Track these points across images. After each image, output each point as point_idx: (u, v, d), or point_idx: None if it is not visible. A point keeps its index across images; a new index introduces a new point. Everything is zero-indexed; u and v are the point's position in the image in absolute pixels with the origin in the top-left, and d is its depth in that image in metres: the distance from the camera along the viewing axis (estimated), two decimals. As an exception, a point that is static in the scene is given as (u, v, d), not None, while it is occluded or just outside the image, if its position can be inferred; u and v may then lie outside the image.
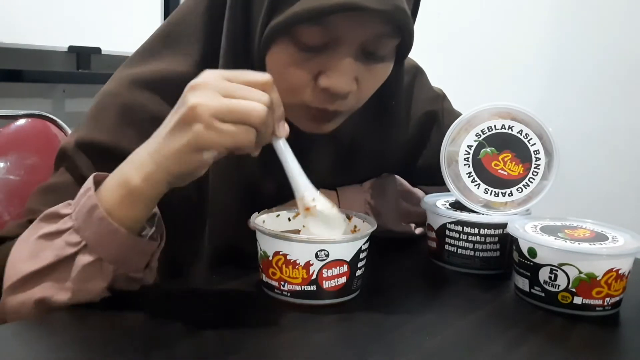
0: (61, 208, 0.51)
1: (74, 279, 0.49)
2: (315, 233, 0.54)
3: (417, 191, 0.79)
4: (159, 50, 0.65)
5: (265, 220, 0.60)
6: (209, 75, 0.47)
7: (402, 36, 0.58)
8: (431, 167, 0.75)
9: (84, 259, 0.49)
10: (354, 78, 0.57)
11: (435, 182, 0.79)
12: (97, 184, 0.51)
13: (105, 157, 0.58)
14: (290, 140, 0.54)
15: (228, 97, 0.46)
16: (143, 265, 0.53)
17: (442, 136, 0.71)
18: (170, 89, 0.57)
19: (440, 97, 0.83)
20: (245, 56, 0.60)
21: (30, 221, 0.56)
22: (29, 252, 0.51)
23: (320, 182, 0.71)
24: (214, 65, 0.61)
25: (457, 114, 0.83)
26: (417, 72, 0.82)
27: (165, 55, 0.64)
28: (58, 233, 0.50)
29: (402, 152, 0.79)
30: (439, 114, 0.81)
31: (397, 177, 0.79)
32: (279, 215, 0.62)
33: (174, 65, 0.63)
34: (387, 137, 0.75)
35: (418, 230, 0.78)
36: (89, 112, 0.63)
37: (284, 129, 0.51)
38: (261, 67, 0.58)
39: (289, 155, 0.53)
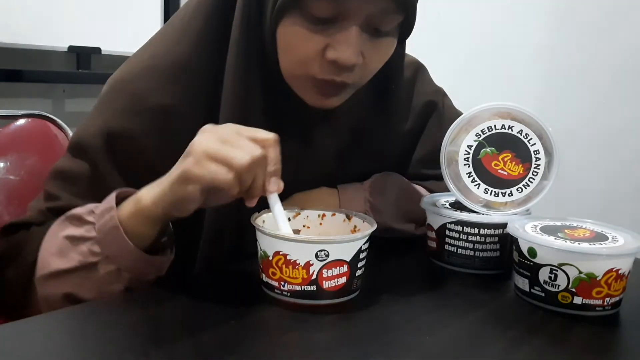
0: (85, 214, 0.57)
1: (97, 282, 0.56)
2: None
3: (419, 189, 0.79)
4: (171, 31, 0.68)
5: (265, 220, 0.60)
6: (222, 125, 0.54)
7: (406, 14, 0.61)
8: (429, 156, 0.77)
9: (104, 268, 0.55)
10: (359, 51, 0.60)
11: (431, 174, 0.80)
12: (118, 200, 0.57)
13: (119, 144, 0.63)
14: (294, 120, 0.64)
15: (224, 143, 0.52)
16: (155, 273, 0.59)
17: (441, 125, 0.74)
18: (180, 75, 0.64)
19: (441, 93, 0.86)
20: (257, 29, 0.63)
21: (51, 209, 0.63)
22: (57, 249, 0.57)
23: (322, 168, 0.73)
24: (225, 41, 0.64)
25: (457, 111, 0.84)
26: (420, 68, 0.85)
27: (177, 37, 0.67)
28: (82, 239, 0.56)
29: (403, 143, 0.81)
30: (439, 105, 0.83)
31: (398, 175, 0.79)
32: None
33: (184, 47, 0.66)
34: (387, 122, 0.76)
35: (419, 230, 0.78)
36: (103, 101, 0.66)
37: (276, 185, 0.55)
38: (272, 41, 0.62)
39: (277, 210, 0.56)
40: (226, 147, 0.51)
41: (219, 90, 0.64)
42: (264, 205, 0.62)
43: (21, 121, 0.94)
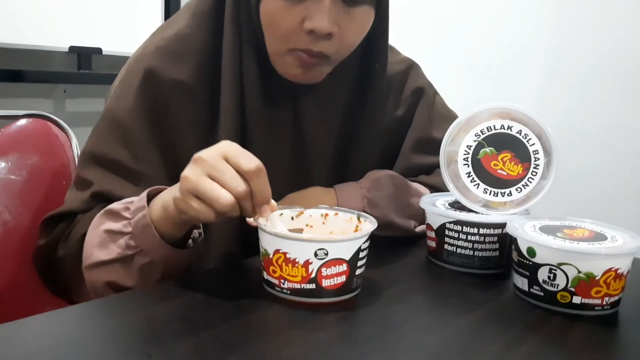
0: (122, 210, 0.61)
1: (134, 272, 0.60)
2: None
3: (415, 185, 0.80)
4: (181, 15, 0.74)
5: (268, 219, 0.60)
6: (211, 152, 0.54)
7: None
8: (418, 144, 0.79)
9: (140, 260, 0.60)
10: (334, 20, 0.64)
11: (420, 162, 0.81)
12: (150, 197, 0.61)
13: (146, 120, 0.69)
14: (286, 100, 0.69)
15: (211, 178, 0.53)
16: (186, 264, 0.64)
17: (430, 114, 0.78)
18: (184, 52, 0.70)
19: (433, 88, 0.88)
20: (246, 8, 0.68)
21: (92, 195, 0.68)
22: (99, 242, 0.61)
23: (314, 149, 0.76)
24: (221, 27, 0.70)
25: (448, 109, 0.86)
26: (414, 65, 0.87)
27: (180, 22, 0.73)
28: (121, 234, 0.61)
29: (394, 130, 0.83)
30: (428, 92, 0.86)
31: (391, 171, 0.80)
32: (281, 214, 0.62)
33: (185, 27, 0.71)
34: (372, 102, 0.79)
35: (419, 228, 0.78)
36: (118, 87, 0.72)
37: (267, 212, 0.56)
38: (258, 21, 0.67)
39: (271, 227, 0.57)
40: (209, 188, 0.53)
41: (219, 67, 0.70)
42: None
43: (22, 121, 0.95)
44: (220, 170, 0.53)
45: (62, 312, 0.53)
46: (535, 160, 0.68)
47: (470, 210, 0.68)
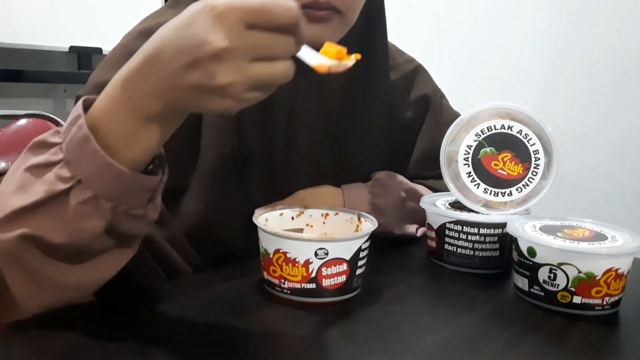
0: (49, 136, 0.46)
1: (69, 217, 0.44)
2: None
3: (421, 188, 0.80)
4: (164, 10, 0.69)
5: (268, 219, 0.60)
6: (230, 31, 0.39)
7: None
8: (427, 157, 0.77)
9: (78, 195, 0.44)
10: None
11: (428, 175, 0.80)
12: (88, 109, 0.46)
13: None
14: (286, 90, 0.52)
15: (256, 61, 0.40)
16: (144, 201, 0.47)
17: (438, 126, 0.74)
18: None
19: (440, 93, 0.87)
20: None
21: None
22: (18, 185, 0.45)
23: (312, 140, 0.73)
24: None
25: (455, 112, 0.85)
26: (420, 67, 0.86)
27: (168, 12, 0.67)
28: (47, 165, 0.45)
29: (400, 135, 0.82)
30: (435, 103, 0.85)
31: (400, 175, 0.79)
32: (282, 213, 0.62)
33: (172, 14, 0.64)
34: (373, 90, 0.77)
35: (419, 232, 0.79)
36: (101, 63, 0.64)
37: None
38: None
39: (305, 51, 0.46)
40: (263, 74, 0.41)
41: None
42: (264, 204, 0.63)
43: (22, 121, 0.95)
44: (262, 44, 0.40)
45: (58, 312, 0.53)
46: (535, 160, 0.68)
47: (470, 210, 0.68)
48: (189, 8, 0.41)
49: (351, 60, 0.46)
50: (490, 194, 0.68)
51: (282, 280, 0.55)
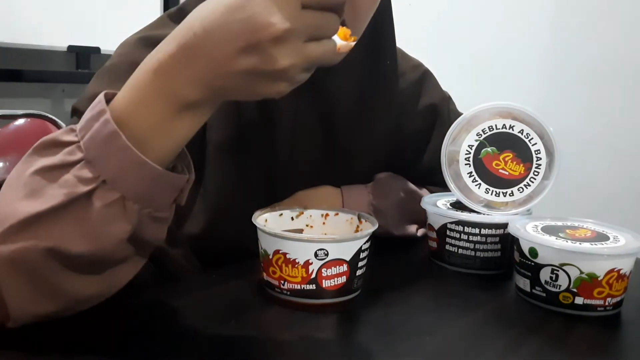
0: (62, 134, 0.43)
1: (92, 222, 0.41)
2: None
3: (422, 191, 0.79)
4: (166, 21, 0.66)
5: (267, 219, 0.60)
6: (290, 13, 0.38)
7: None
8: (432, 166, 0.76)
9: (102, 198, 0.41)
10: None
11: (435, 183, 0.79)
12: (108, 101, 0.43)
13: None
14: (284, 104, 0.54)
15: (309, 41, 0.40)
16: (170, 203, 0.45)
17: (444, 134, 0.72)
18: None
19: (447, 99, 0.85)
20: None
21: None
22: (28, 189, 0.41)
23: (312, 155, 0.72)
24: None
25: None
26: (427, 72, 0.85)
27: (175, 12, 0.65)
28: (64, 166, 0.41)
29: (405, 144, 0.80)
30: (443, 113, 0.82)
31: (401, 177, 0.79)
32: (281, 214, 0.62)
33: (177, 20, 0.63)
34: (387, 98, 0.75)
35: (420, 232, 0.78)
36: (99, 71, 0.61)
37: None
38: None
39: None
40: (317, 55, 0.40)
41: None
42: (264, 204, 0.62)
43: (20, 121, 0.94)
44: (318, 26, 0.40)
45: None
46: (537, 160, 0.67)
47: (471, 211, 0.67)
48: None
49: (353, 41, 0.45)
50: (491, 194, 0.68)
51: (282, 282, 0.54)
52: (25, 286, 0.42)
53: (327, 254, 0.53)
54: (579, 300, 0.55)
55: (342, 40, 0.44)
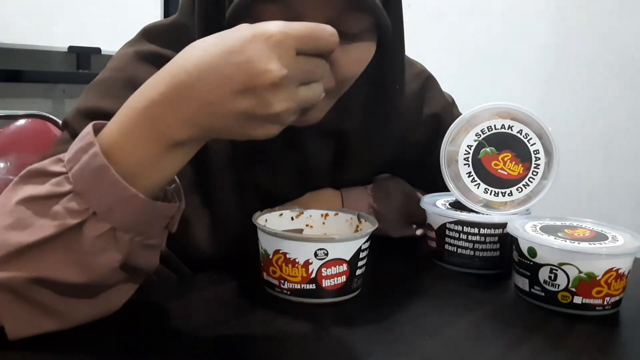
0: (50, 165, 0.43)
1: (83, 252, 0.42)
2: None
3: (421, 193, 0.79)
4: (160, 30, 0.66)
5: (267, 219, 0.60)
6: (286, 59, 0.40)
7: (370, 12, 0.54)
8: (434, 174, 0.75)
9: (93, 229, 0.41)
10: None
11: (438, 189, 0.79)
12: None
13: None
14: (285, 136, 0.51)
15: (302, 85, 0.42)
16: (161, 230, 0.46)
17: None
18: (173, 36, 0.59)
19: (450, 105, 0.84)
20: None
21: None
22: (14, 219, 0.41)
23: (318, 178, 0.72)
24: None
25: None
26: (429, 79, 0.82)
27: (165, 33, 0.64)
28: (51, 197, 0.41)
29: (407, 153, 0.79)
30: (446, 121, 0.81)
31: (400, 179, 0.79)
32: (281, 214, 0.62)
33: (177, 17, 0.64)
34: (390, 129, 0.73)
35: (419, 232, 0.78)
36: (91, 84, 0.61)
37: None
38: None
39: None
40: (305, 98, 0.42)
41: None
42: (263, 204, 0.62)
43: (21, 121, 0.95)
44: (311, 71, 0.42)
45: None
46: (535, 160, 0.67)
47: (470, 210, 0.67)
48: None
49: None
50: (490, 194, 0.68)
51: (282, 281, 0.54)
52: (20, 310, 0.43)
53: (326, 254, 0.53)
54: (577, 300, 0.55)
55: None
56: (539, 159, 0.67)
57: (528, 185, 0.67)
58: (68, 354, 0.44)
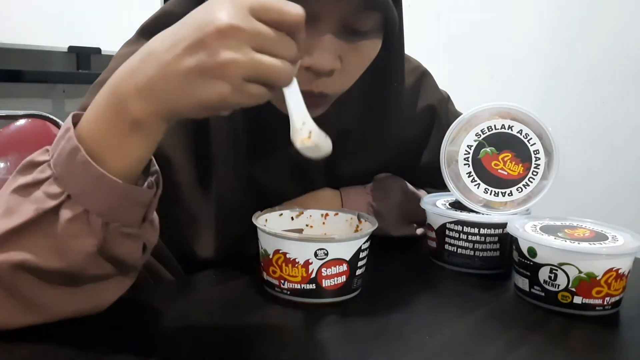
0: (38, 155, 0.45)
1: (59, 236, 0.42)
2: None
3: (421, 192, 0.79)
4: (154, 25, 0.65)
5: (268, 219, 0.60)
6: (237, 13, 0.39)
7: (381, 9, 0.56)
8: (431, 168, 0.76)
9: (67, 212, 0.42)
10: (336, 55, 0.56)
11: (434, 184, 0.79)
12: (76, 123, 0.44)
13: None
14: (280, 128, 0.52)
15: (259, 51, 0.40)
16: (139, 218, 0.46)
17: (442, 140, 0.71)
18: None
19: (445, 100, 0.84)
20: None
21: None
22: (5, 208, 0.43)
23: (317, 175, 0.72)
24: None
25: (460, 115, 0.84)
26: (424, 74, 0.83)
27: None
28: (35, 184, 0.43)
29: (404, 149, 0.79)
30: (440, 115, 0.82)
31: (400, 178, 0.79)
32: (281, 214, 0.62)
33: (172, 7, 0.63)
34: (388, 127, 0.74)
35: (419, 231, 0.78)
36: (94, 84, 0.62)
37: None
38: None
39: (295, 88, 0.46)
40: (265, 64, 0.40)
41: None
42: (263, 205, 0.62)
43: (21, 121, 0.95)
44: (266, 36, 0.40)
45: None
46: (535, 160, 0.67)
47: (470, 210, 0.67)
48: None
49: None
50: (490, 194, 0.68)
51: (282, 281, 0.54)
52: (6, 300, 0.44)
53: (327, 254, 0.53)
54: (577, 300, 0.55)
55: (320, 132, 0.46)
56: (539, 159, 0.67)
57: (528, 185, 0.67)
58: (68, 354, 0.44)
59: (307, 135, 0.46)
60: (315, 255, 0.53)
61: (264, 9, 0.40)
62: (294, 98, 0.46)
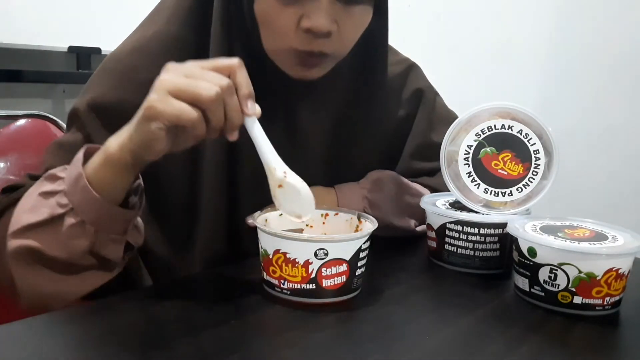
0: (59, 171, 0.58)
1: (62, 236, 0.55)
2: (286, 208, 0.57)
3: (415, 185, 0.79)
4: (160, 12, 0.72)
5: (268, 219, 0.60)
6: (186, 63, 0.53)
7: None
8: (419, 149, 0.78)
9: (70, 220, 0.55)
10: (332, 18, 0.61)
11: (420, 167, 0.80)
12: (89, 155, 0.57)
13: (112, 115, 0.64)
14: (278, 100, 0.66)
15: (189, 77, 0.51)
16: (122, 229, 0.58)
17: (430, 119, 0.75)
18: (165, 51, 0.66)
19: (434, 91, 0.86)
20: (238, 7, 0.65)
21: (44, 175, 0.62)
22: (31, 206, 0.57)
23: (308, 152, 0.73)
24: (207, 23, 0.67)
25: (449, 110, 0.85)
26: (413, 65, 0.86)
27: (166, 16, 0.70)
28: (53, 193, 0.56)
29: (392, 133, 0.81)
30: (427, 96, 0.84)
31: (393, 172, 0.79)
32: (281, 214, 0.62)
33: (172, 26, 0.69)
34: (371, 103, 0.77)
35: (419, 228, 0.78)
36: (94, 77, 0.69)
37: (254, 108, 0.54)
38: (252, 18, 0.64)
39: (258, 133, 0.55)
40: (191, 81, 0.51)
41: None
42: (262, 205, 0.62)
43: (21, 121, 0.95)
44: (197, 70, 0.52)
45: (59, 313, 0.53)
46: (535, 160, 0.67)
47: (470, 210, 0.67)
48: None
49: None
50: (490, 194, 0.68)
51: (282, 281, 0.54)
52: (28, 276, 0.57)
53: (326, 254, 0.53)
54: (577, 300, 0.55)
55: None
56: (539, 159, 0.67)
57: (528, 185, 0.67)
58: (68, 354, 0.44)
59: (283, 174, 0.55)
60: (315, 255, 0.53)
61: (201, 64, 0.53)
62: (259, 137, 0.54)
